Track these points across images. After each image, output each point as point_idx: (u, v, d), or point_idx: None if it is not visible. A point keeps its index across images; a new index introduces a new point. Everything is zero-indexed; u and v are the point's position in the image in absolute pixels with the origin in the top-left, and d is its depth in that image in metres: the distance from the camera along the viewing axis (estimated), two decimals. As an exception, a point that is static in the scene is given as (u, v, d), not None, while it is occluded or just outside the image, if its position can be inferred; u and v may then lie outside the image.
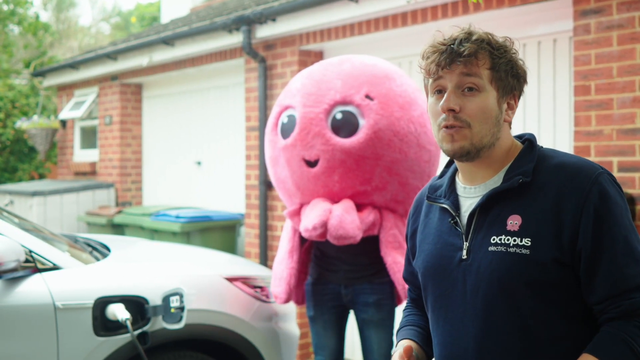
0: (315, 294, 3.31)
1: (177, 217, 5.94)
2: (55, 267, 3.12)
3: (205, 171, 7.07)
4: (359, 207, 3.18)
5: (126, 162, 7.85)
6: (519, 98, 1.68)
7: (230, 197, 6.67)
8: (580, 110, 3.86)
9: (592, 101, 3.81)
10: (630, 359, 1.48)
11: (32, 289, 3.00)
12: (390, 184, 3.15)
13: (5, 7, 11.67)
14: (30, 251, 3.06)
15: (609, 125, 3.74)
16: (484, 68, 1.60)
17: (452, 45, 1.59)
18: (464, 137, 1.60)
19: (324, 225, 3.03)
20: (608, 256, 1.52)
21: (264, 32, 5.64)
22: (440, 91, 1.63)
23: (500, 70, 1.61)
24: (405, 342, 1.80)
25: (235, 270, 3.72)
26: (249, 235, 5.99)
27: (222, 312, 3.41)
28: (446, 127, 1.60)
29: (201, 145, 7.09)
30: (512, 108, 1.67)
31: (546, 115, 4.30)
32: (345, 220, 3.01)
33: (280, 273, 3.29)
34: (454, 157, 1.65)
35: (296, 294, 3.46)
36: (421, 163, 3.17)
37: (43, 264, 3.09)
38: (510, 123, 1.69)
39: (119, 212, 6.81)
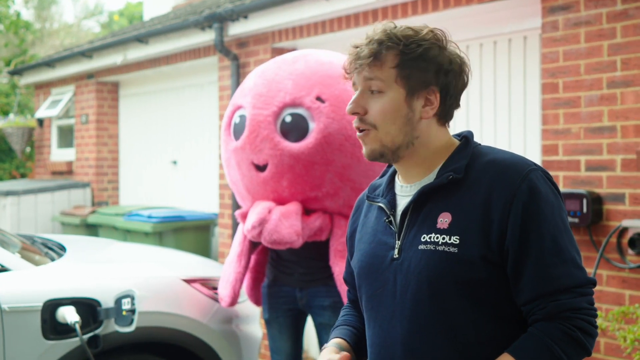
0: (270, 297, 3.23)
1: (149, 217, 5.85)
2: (3, 269, 3.03)
3: (181, 170, 6.98)
4: (309, 212, 3.08)
5: (102, 161, 7.75)
6: (443, 92, 1.58)
7: (205, 197, 6.59)
8: (548, 109, 3.80)
9: (560, 99, 3.75)
10: None
11: (-23, 292, 2.91)
12: (342, 190, 3.03)
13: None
14: (-23, 252, 2.98)
15: (577, 123, 3.68)
16: (388, 67, 1.56)
17: (358, 49, 1.58)
18: (372, 140, 1.59)
19: (263, 223, 2.93)
20: (534, 256, 1.47)
21: (236, 29, 5.56)
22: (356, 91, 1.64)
23: (407, 67, 1.55)
24: (337, 341, 1.74)
25: (194, 271, 3.64)
26: (222, 235, 5.91)
27: (178, 315, 3.33)
28: (358, 130, 1.61)
29: (177, 144, 7.01)
30: (430, 104, 1.58)
31: (517, 113, 4.23)
32: (281, 224, 2.91)
33: (227, 276, 3.21)
34: (370, 159, 1.63)
35: (255, 295, 3.39)
36: (376, 168, 3.01)
37: (-10, 265, 3.01)
38: (439, 118, 1.61)
39: (93, 212, 6.72)
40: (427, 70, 1.56)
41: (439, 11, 4.29)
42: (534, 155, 4.08)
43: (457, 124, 4.47)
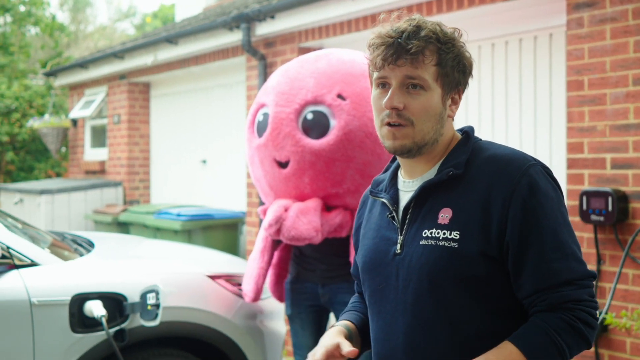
0: (293, 293, 3.26)
1: (179, 215, 5.94)
2: (33, 264, 3.11)
3: (210, 169, 7.07)
4: (330, 208, 3.10)
5: (134, 160, 7.88)
6: (463, 92, 1.64)
7: (233, 195, 6.67)
8: (574, 106, 3.77)
9: (585, 96, 3.72)
10: (550, 349, 1.46)
11: (8, 285, 2.99)
12: (363, 187, 3.02)
13: (22, 8, 11.81)
14: (8, 247, 3.06)
15: (602, 121, 3.65)
16: (430, 65, 1.56)
17: (399, 40, 1.54)
18: (406, 135, 1.57)
19: (279, 221, 2.97)
20: (535, 250, 1.49)
21: (263, 29, 5.62)
22: (384, 85, 1.59)
23: (446, 66, 1.57)
24: (345, 322, 1.76)
25: (219, 268, 3.69)
26: (250, 233, 5.98)
27: (203, 310, 3.38)
28: (389, 124, 1.58)
29: (206, 143, 7.10)
30: (456, 103, 1.63)
31: (542, 111, 4.21)
32: (299, 221, 2.94)
33: (251, 272, 3.25)
34: (395, 153, 1.63)
35: (278, 291, 3.42)
36: None
37: (21, 260, 3.09)
38: (452, 117, 1.66)
39: (124, 210, 6.84)
40: (459, 71, 1.59)
41: (463, 9, 4.28)
42: (560, 153, 4.05)
43: (483, 122, 4.46)
